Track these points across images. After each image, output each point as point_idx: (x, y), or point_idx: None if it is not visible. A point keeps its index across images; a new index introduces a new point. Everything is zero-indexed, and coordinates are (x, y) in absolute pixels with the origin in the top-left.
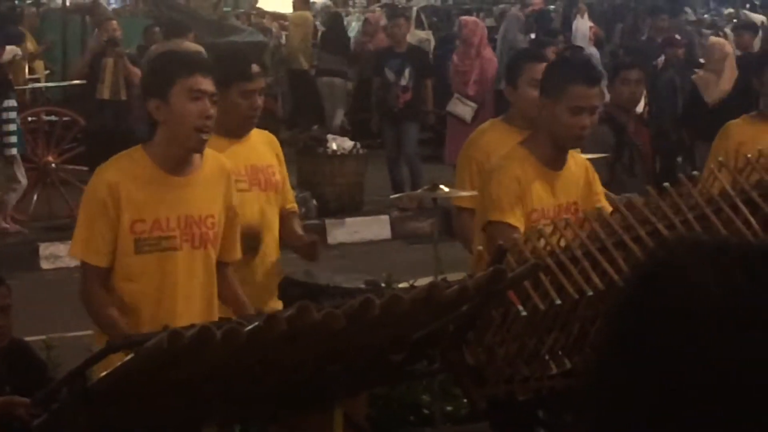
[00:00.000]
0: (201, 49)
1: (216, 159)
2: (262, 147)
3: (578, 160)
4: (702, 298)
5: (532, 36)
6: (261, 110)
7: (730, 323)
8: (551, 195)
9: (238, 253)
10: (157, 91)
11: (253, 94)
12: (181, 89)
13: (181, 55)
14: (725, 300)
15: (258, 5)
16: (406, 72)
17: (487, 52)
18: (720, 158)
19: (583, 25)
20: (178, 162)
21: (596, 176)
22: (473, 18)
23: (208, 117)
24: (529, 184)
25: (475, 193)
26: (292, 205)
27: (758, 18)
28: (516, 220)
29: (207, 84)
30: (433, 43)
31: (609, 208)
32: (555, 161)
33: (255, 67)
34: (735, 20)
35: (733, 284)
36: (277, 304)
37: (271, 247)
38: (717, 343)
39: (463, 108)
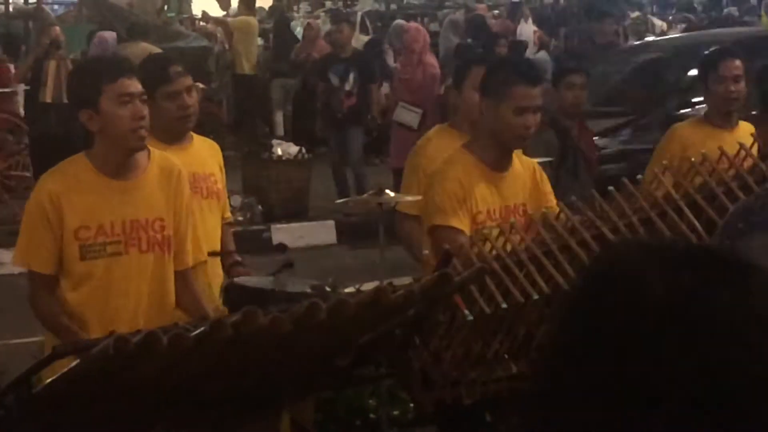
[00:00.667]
0: (156, 50)
1: (165, 159)
2: (204, 155)
3: (525, 162)
4: (651, 300)
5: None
6: (196, 109)
7: (679, 325)
8: (497, 196)
9: (190, 260)
10: (86, 101)
11: (179, 95)
12: (110, 96)
13: (103, 61)
14: (674, 302)
15: (203, 10)
16: (351, 77)
17: (429, 57)
18: (664, 162)
19: (527, 30)
20: (120, 166)
21: (544, 177)
22: (415, 24)
23: (141, 118)
24: (472, 186)
25: (420, 198)
26: (229, 215)
27: (658, 23)
28: (460, 223)
29: (134, 86)
30: None
31: (557, 209)
32: (499, 162)
33: (174, 68)
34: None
35: (682, 286)
36: (222, 310)
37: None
38: (667, 344)
39: (409, 115)
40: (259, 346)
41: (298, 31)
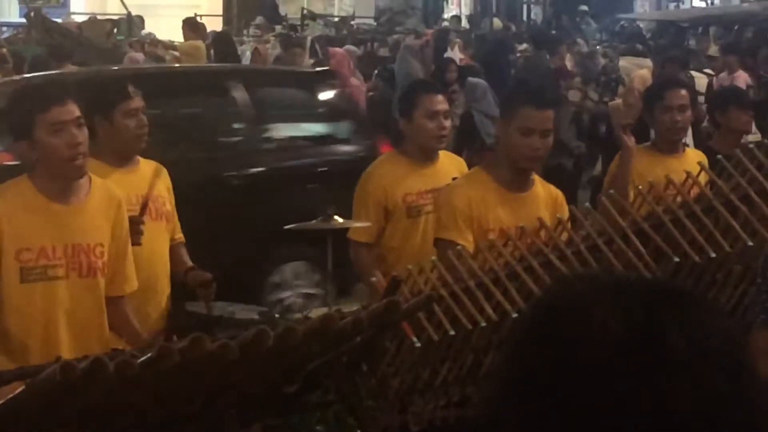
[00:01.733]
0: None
1: (105, 188)
2: (152, 177)
3: (549, 189)
4: (602, 335)
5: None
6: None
7: (630, 360)
8: (512, 216)
9: (131, 285)
10: (21, 133)
11: (138, 113)
12: (42, 125)
13: (34, 90)
14: (625, 337)
15: (150, 32)
16: None
17: (355, 81)
18: (611, 190)
19: (454, 57)
20: (62, 191)
21: (565, 207)
22: (340, 49)
23: (77, 144)
24: (485, 205)
25: (369, 224)
26: (180, 236)
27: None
28: (460, 237)
29: (66, 113)
30: None
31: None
32: (514, 183)
33: (131, 87)
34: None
35: (633, 321)
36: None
37: (161, 278)
38: (617, 379)
39: None
40: (206, 372)
41: (248, 55)
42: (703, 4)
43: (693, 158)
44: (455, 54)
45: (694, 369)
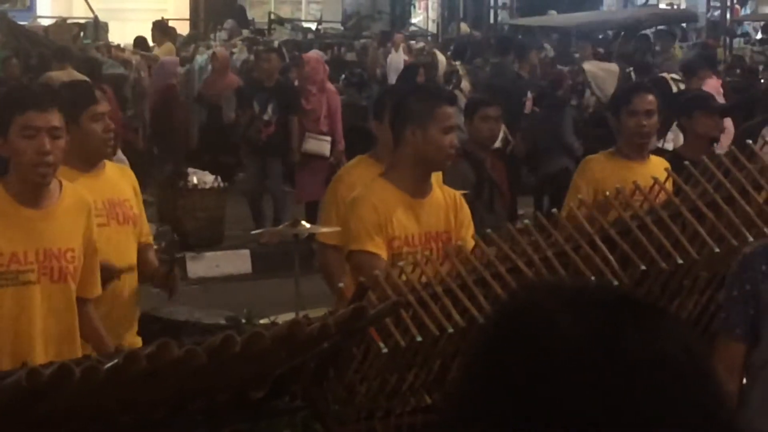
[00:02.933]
0: (80, 77)
1: (76, 193)
2: (118, 181)
3: (447, 192)
4: (561, 341)
5: None
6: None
7: (588, 367)
8: (416, 223)
9: (98, 289)
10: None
11: (104, 116)
12: (16, 127)
13: (16, 91)
14: (584, 344)
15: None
16: (270, 107)
17: (330, 85)
18: (579, 196)
19: (396, 59)
20: (32, 195)
21: (465, 208)
22: (314, 55)
23: (44, 153)
24: (389, 212)
25: (338, 229)
26: (148, 239)
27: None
28: (376, 247)
29: (42, 119)
30: None
31: (471, 241)
32: (418, 189)
33: (97, 91)
34: None
35: (592, 328)
36: (137, 340)
37: (129, 282)
38: (575, 385)
39: (318, 144)
40: (173, 378)
41: (199, 60)
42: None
43: (657, 164)
44: (399, 56)
45: (650, 375)
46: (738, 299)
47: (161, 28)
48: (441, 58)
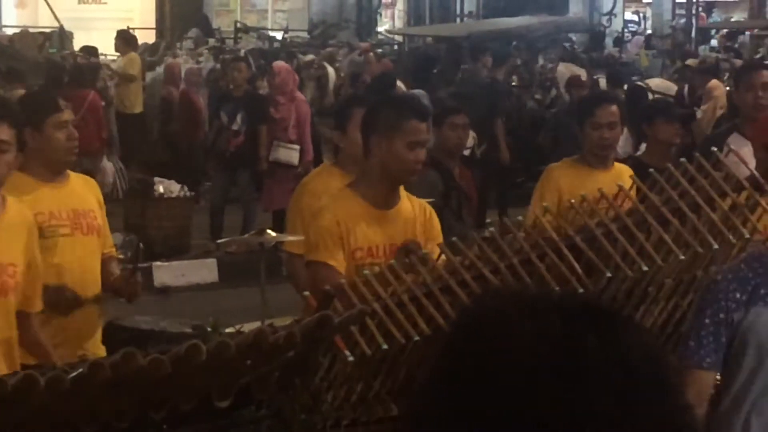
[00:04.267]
0: None
1: (18, 208)
2: (83, 191)
3: (416, 202)
4: (522, 349)
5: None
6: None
7: (548, 374)
8: (381, 234)
9: (39, 304)
10: None
11: (67, 125)
12: None
13: None
14: (543, 352)
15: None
16: (239, 117)
17: (299, 95)
18: (545, 203)
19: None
20: None
21: (435, 219)
22: (285, 65)
23: None
24: (352, 223)
25: (304, 237)
26: (112, 250)
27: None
28: (332, 259)
29: None
30: None
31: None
32: (384, 200)
33: (60, 99)
34: None
35: (552, 336)
36: (100, 350)
37: (92, 293)
38: (536, 393)
39: (286, 153)
40: (138, 387)
41: (157, 69)
42: (636, 17)
43: (621, 171)
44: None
45: (612, 383)
46: (709, 328)
47: (125, 38)
48: (331, 71)
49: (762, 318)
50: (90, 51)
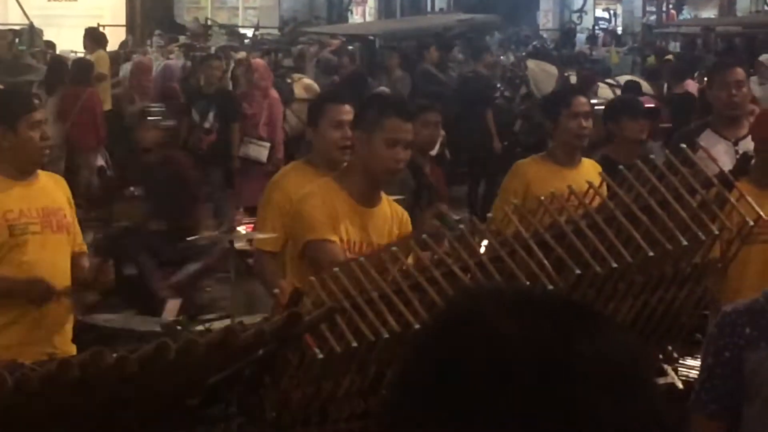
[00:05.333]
0: None
1: None
2: (52, 189)
3: (395, 208)
4: (507, 349)
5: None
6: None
7: (538, 373)
8: (360, 231)
9: None
10: None
11: (41, 125)
12: None
13: None
14: (533, 350)
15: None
16: (210, 115)
17: (274, 92)
18: (514, 200)
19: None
20: None
21: (410, 227)
22: (262, 61)
23: None
24: (335, 214)
25: (275, 235)
26: (82, 247)
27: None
28: (334, 235)
29: None
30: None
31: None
32: (366, 197)
33: (34, 99)
34: None
35: (540, 336)
36: (71, 348)
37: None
38: (526, 393)
39: (256, 149)
40: (107, 386)
41: (124, 67)
42: (606, 15)
43: (590, 168)
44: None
45: (602, 384)
46: (714, 370)
47: (93, 36)
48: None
49: None
50: (49, 45)
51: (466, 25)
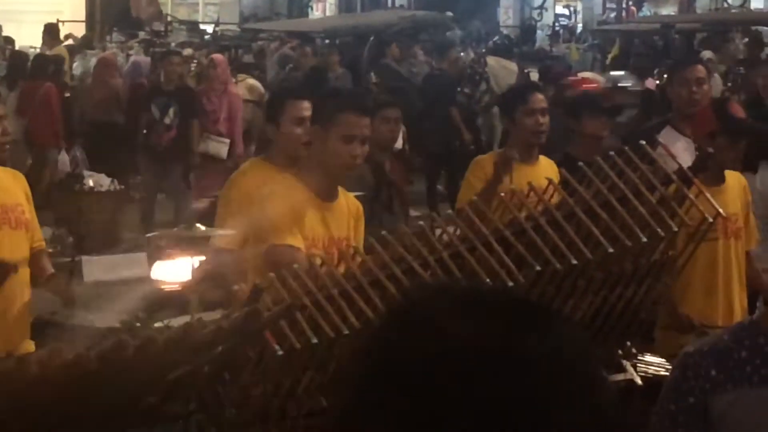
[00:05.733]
0: None
1: None
2: (10, 186)
3: (350, 200)
4: (452, 343)
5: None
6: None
7: (490, 370)
8: (323, 226)
9: None
10: None
11: (2, 120)
12: None
13: None
14: (484, 347)
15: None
16: (171, 111)
17: (233, 88)
18: (474, 197)
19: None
20: None
21: (363, 221)
22: (221, 57)
23: None
24: (298, 211)
25: (233, 232)
26: (40, 243)
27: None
28: (296, 241)
29: None
30: None
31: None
32: (326, 192)
33: None
34: None
35: (492, 332)
36: (29, 345)
37: (21, 287)
38: (477, 389)
39: (216, 146)
40: (66, 383)
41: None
42: (567, 11)
43: (547, 166)
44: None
45: (555, 381)
46: (677, 417)
47: (51, 32)
48: None
49: (745, 402)
50: (8, 41)
51: (408, 21)
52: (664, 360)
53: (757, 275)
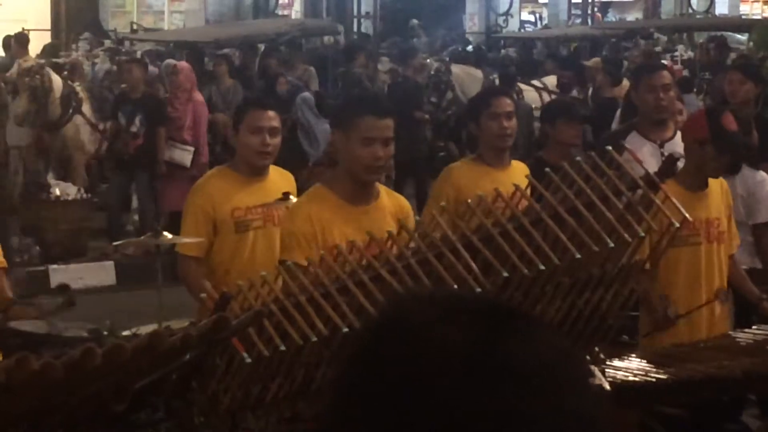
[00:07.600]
0: None
1: None
2: None
3: (395, 199)
4: (438, 354)
5: None
6: None
7: (474, 376)
8: (358, 230)
9: None
10: None
11: None
12: None
13: None
14: (467, 353)
15: None
16: (137, 119)
17: (198, 95)
18: (442, 203)
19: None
20: None
21: (412, 218)
22: (186, 64)
23: None
24: (327, 219)
25: (200, 239)
26: (1, 261)
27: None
28: (302, 258)
29: None
30: None
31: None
32: (357, 196)
33: None
34: None
35: (475, 338)
36: None
37: None
38: (462, 396)
39: (180, 153)
40: (32, 392)
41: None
42: (532, 18)
43: (519, 170)
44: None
45: (535, 385)
46: None
47: (21, 41)
48: (56, 78)
49: None
50: None
51: (298, 29)
52: (635, 365)
53: (741, 278)
